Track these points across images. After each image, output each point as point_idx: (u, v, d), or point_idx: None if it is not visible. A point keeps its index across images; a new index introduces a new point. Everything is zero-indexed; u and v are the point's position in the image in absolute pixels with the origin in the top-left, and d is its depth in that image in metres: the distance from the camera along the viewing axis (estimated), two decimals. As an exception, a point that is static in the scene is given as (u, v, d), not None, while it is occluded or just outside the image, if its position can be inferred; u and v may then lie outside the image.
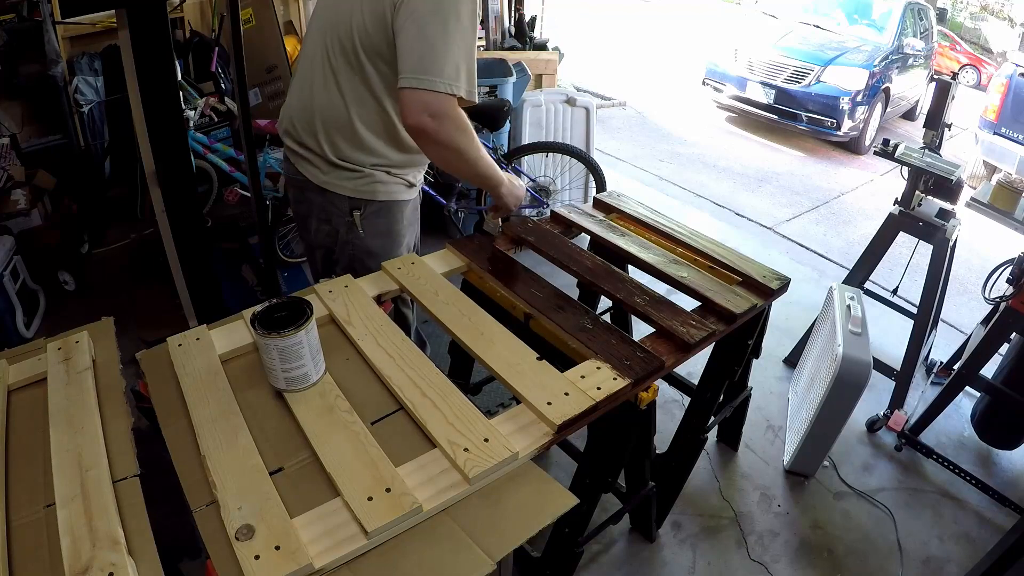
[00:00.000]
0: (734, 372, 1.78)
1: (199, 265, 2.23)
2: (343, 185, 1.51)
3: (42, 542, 0.87)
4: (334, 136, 1.47)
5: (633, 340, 1.31)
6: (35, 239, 2.71)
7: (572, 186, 3.54)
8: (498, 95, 3.26)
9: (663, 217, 1.87)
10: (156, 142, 1.94)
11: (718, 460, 2.30)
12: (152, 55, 1.82)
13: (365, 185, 1.51)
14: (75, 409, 1.05)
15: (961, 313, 3.50)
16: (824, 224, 4.54)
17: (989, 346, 2.20)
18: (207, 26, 3.62)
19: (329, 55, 1.44)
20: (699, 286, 1.53)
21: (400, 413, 1.10)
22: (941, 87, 2.44)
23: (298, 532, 0.86)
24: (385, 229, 1.58)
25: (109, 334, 1.24)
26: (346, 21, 1.39)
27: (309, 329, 1.07)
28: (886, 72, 6.04)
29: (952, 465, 2.29)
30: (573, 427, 1.10)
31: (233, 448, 0.99)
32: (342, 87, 1.43)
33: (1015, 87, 5.06)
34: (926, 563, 2.02)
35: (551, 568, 1.54)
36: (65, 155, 3.08)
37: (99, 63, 3.12)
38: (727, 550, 1.98)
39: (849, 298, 2.28)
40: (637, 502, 1.73)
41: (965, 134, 6.36)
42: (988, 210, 2.78)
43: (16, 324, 2.46)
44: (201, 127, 3.09)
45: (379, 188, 1.53)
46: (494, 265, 1.54)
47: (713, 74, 6.43)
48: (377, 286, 1.44)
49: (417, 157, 1.57)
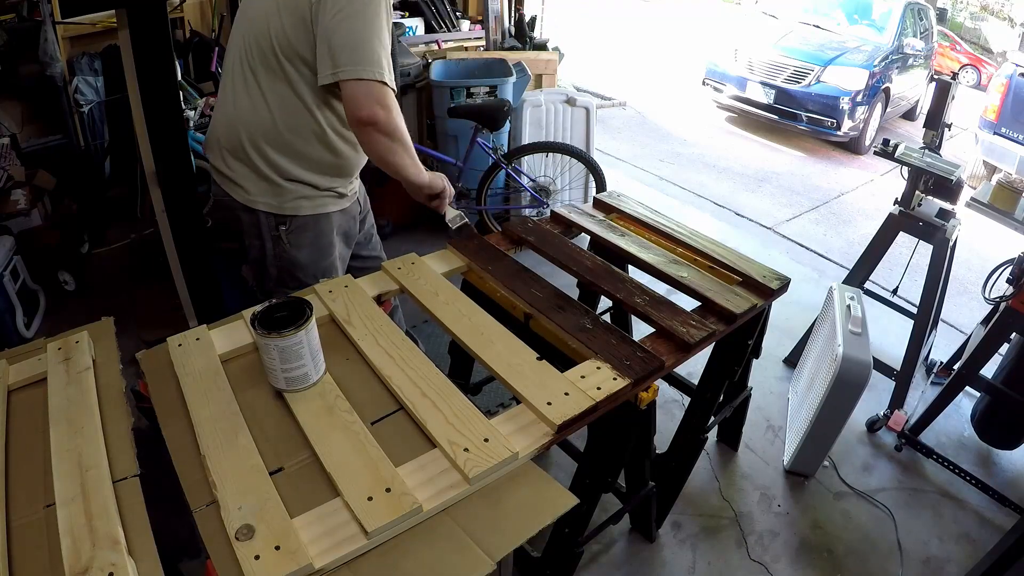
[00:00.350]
0: (734, 372, 1.78)
1: (199, 265, 2.23)
2: (268, 202, 1.51)
3: (42, 542, 0.87)
4: (262, 146, 1.46)
5: (633, 340, 1.31)
6: (35, 239, 2.71)
7: (572, 186, 3.54)
8: (498, 95, 3.26)
9: (663, 217, 1.87)
10: (156, 142, 1.94)
11: (718, 460, 2.30)
12: (152, 55, 1.82)
13: (289, 201, 1.51)
14: (75, 409, 1.05)
15: (961, 313, 3.50)
16: (824, 224, 4.54)
17: (989, 346, 2.20)
18: (207, 26, 3.62)
19: (250, 65, 1.43)
20: (699, 286, 1.53)
21: (400, 413, 1.11)
22: (941, 87, 2.44)
23: (298, 532, 0.86)
24: (311, 242, 1.57)
25: (109, 334, 1.24)
26: (263, 29, 1.39)
27: (309, 329, 1.07)
28: (886, 72, 6.04)
29: (952, 465, 2.29)
30: (573, 427, 1.10)
31: (233, 448, 0.99)
32: (265, 95, 1.43)
33: (1015, 87, 5.05)
34: (926, 563, 2.02)
35: (551, 568, 1.54)
36: (65, 155, 3.08)
37: (99, 63, 3.12)
38: (727, 550, 1.98)
39: (849, 298, 2.28)
40: (637, 502, 1.73)
41: (965, 134, 6.36)
42: (988, 210, 2.78)
43: (16, 324, 2.46)
44: (201, 127, 3.08)
45: (303, 203, 1.52)
46: (494, 265, 1.54)
47: (713, 74, 6.43)
48: (377, 286, 1.44)
49: (347, 163, 1.56)
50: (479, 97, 3.24)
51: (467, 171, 3.19)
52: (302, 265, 1.58)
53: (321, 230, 1.57)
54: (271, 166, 1.47)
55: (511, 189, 3.45)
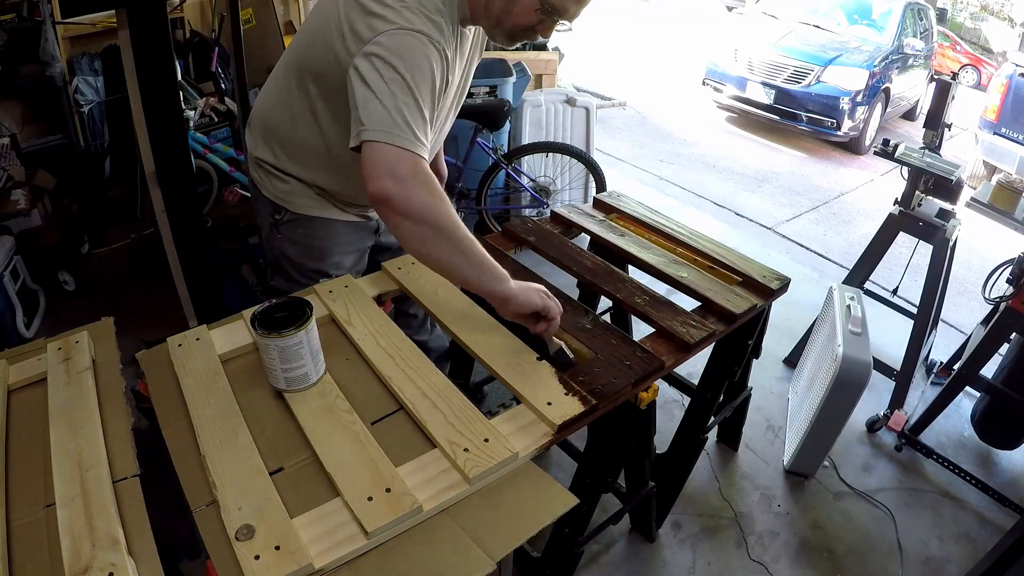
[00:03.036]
0: (734, 372, 1.78)
1: (199, 265, 2.23)
2: (266, 187, 1.50)
3: (42, 542, 0.87)
4: (271, 142, 1.46)
5: (633, 340, 1.31)
6: (35, 239, 2.71)
7: (572, 186, 3.54)
8: (498, 95, 3.26)
9: (663, 217, 1.87)
10: (156, 142, 1.94)
11: (718, 460, 2.30)
12: (152, 55, 1.82)
13: (285, 193, 1.49)
14: (75, 409, 1.05)
15: (961, 313, 3.50)
16: (824, 224, 4.54)
17: (989, 346, 2.20)
18: (207, 26, 3.62)
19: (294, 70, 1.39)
20: (699, 286, 1.53)
21: (400, 413, 1.10)
22: (941, 87, 2.44)
23: (298, 532, 0.86)
24: (303, 240, 1.54)
25: (109, 334, 1.24)
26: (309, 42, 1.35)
27: (309, 329, 1.07)
28: (886, 72, 6.04)
29: (952, 465, 2.29)
30: (573, 427, 1.10)
31: (233, 448, 0.99)
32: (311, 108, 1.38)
33: (1015, 87, 5.06)
34: (926, 563, 2.02)
35: (551, 568, 1.54)
36: (65, 155, 3.08)
37: (99, 63, 3.13)
38: (727, 550, 1.98)
39: (849, 298, 2.28)
40: (637, 502, 1.73)
41: (965, 134, 6.36)
42: (988, 210, 2.78)
43: (16, 324, 2.46)
44: (201, 127, 3.09)
45: (297, 201, 1.49)
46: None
47: (713, 74, 6.43)
48: (377, 286, 1.44)
49: (354, 195, 1.51)
50: (479, 97, 3.24)
51: (467, 171, 3.19)
52: (291, 259, 1.57)
53: (316, 232, 1.54)
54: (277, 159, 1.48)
55: (511, 189, 3.45)
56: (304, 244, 1.55)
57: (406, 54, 1.15)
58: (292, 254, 1.56)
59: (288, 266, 1.57)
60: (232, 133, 3.20)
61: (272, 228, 1.55)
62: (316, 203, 1.51)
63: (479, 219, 3.45)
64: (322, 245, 1.56)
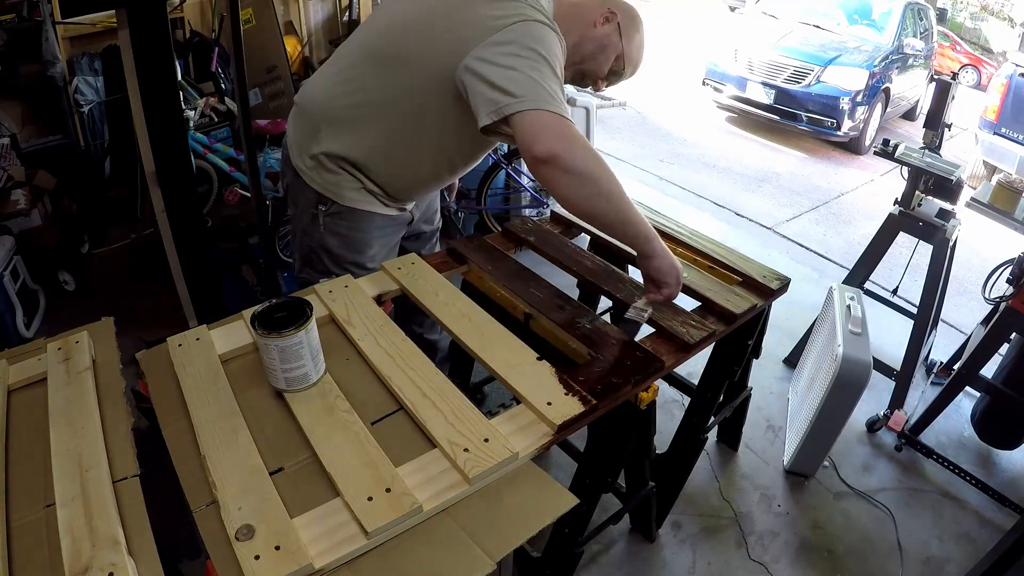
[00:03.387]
0: (734, 372, 1.78)
1: (199, 265, 2.23)
2: (312, 177, 1.50)
3: (42, 542, 0.87)
4: (337, 131, 1.45)
5: (633, 340, 1.31)
6: (35, 239, 2.71)
7: (572, 186, 3.53)
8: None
9: (663, 217, 1.87)
10: (156, 142, 1.94)
11: (718, 460, 2.30)
12: (152, 55, 1.82)
13: (333, 184, 1.49)
14: (75, 409, 1.05)
15: (961, 313, 3.50)
16: (824, 224, 4.54)
17: (989, 346, 2.20)
18: (207, 26, 3.61)
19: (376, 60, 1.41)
20: (699, 286, 1.53)
21: (400, 413, 1.10)
22: (941, 87, 2.44)
23: (298, 532, 0.86)
24: (346, 232, 1.55)
25: (109, 334, 1.24)
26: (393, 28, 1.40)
27: (309, 329, 1.07)
28: (886, 72, 6.04)
29: (952, 465, 2.29)
30: (573, 427, 1.10)
31: (233, 448, 0.99)
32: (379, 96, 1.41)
33: (1015, 87, 5.06)
34: (926, 563, 2.02)
35: (551, 568, 1.54)
36: (65, 155, 3.08)
37: (99, 63, 3.12)
38: (727, 550, 1.98)
39: (849, 298, 2.28)
40: (637, 502, 1.73)
41: (965, 134, 6.36)
42: (988, 210, 2.78)
43: (16, 324, 2.46)
44: (201, 127, 3.09)
45: (346, 193, 1.50)
46: (494, 265, 1.54)
47: (713, 74, 6.43)
48: (377, 286, 1.43)
49: (405, 190, 1.55)
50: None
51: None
52: (331, 251, 1.57)
53: (359, 224, 1.55)
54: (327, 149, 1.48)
55: (511, 189, 3.45)
56: (346, 236, 1.56)
57: (540, 40, 1.26)
58: (332, 245, 1.56)
59: (326, 258, 1.58)
60: (232, 133, 3.20)
61: (312, 219, 1.54)
62: (362, 196, 1.52)
63: (479, 219, 3.45)
64: (363, 237, 1.57)
